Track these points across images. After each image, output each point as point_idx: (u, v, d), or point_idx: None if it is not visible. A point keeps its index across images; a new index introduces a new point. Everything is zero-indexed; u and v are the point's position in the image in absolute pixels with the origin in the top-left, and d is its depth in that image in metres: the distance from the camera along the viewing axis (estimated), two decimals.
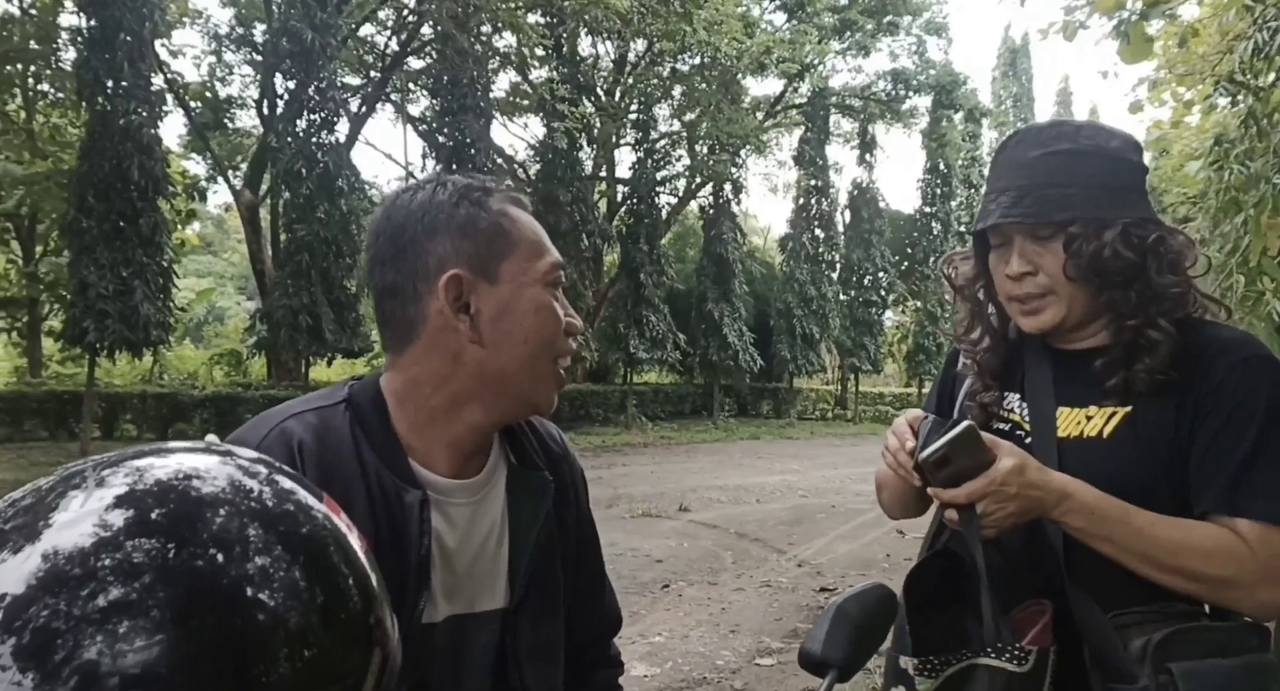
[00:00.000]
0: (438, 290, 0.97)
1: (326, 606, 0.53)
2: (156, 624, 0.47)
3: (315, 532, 0.56)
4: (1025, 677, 1.11)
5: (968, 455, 1.12)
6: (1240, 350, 1.18)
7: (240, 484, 0.56)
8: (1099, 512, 1.13)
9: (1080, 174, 1.19)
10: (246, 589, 0.50)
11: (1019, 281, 1.23)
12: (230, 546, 0.51)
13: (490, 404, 1.02)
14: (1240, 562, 1.11)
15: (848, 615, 0.98)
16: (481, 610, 1.03)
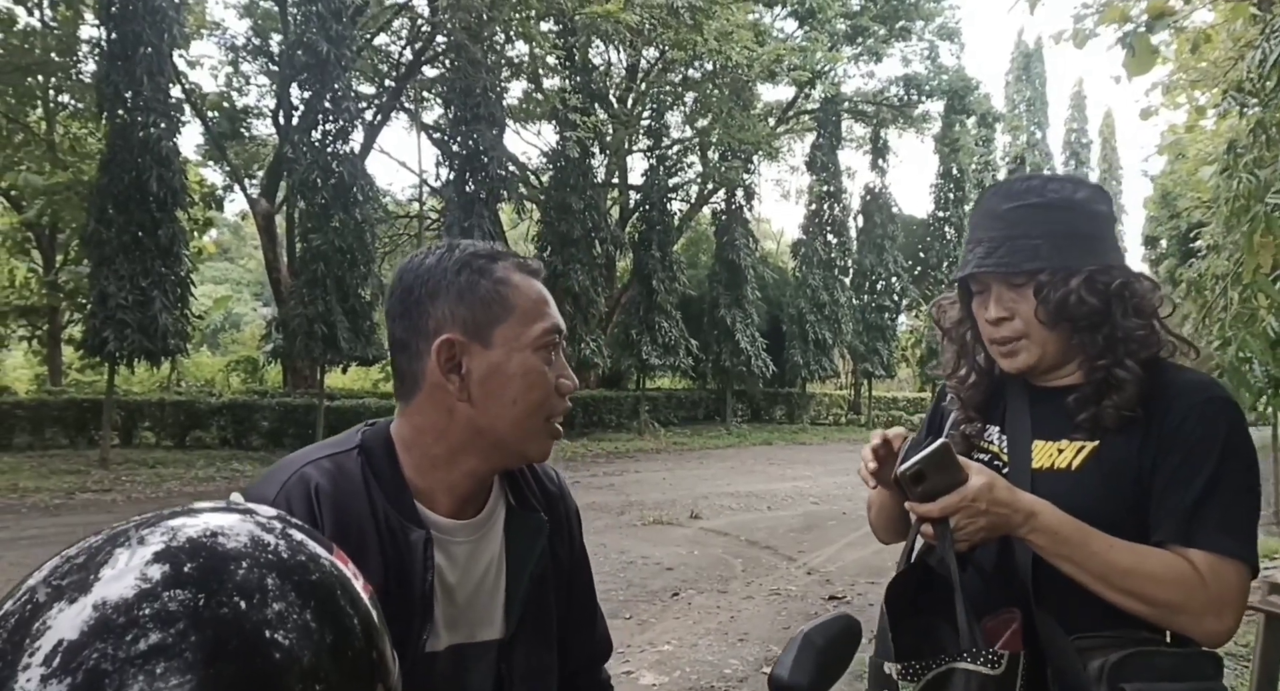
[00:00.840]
0: (432, 350, 1.05)
1: (334, 645, 0.61)
2: (189, 665, 0.55)
3: (324, 580, 0.64)
4: (999, 680, 1.19)
5: (942, 472, 1.19)
6: (1202, 392, 1.26)
7: (259, 538, 0.64)
8: (1061, 533, 1.20)
9: (1048, 225, 1.28)
10: (265, 632, 0.58)
11: (997, 326, 1.32)
12: (251, 594, 0.59)
13: (484, 455, 1.10)
14: (1190, 590, 1.17)
15: (813, 643, 1.05)
16: (480, 640, 1.11)
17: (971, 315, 1.39)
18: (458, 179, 17.58)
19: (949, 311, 1.45)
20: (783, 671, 1.04)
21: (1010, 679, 1.19)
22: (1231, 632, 1.21)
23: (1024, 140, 33.82)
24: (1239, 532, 1.20)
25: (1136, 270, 1.31)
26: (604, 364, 20.47)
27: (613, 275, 23.69)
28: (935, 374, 1.51)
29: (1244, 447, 1.24)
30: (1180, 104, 10.62)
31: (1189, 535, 1.20)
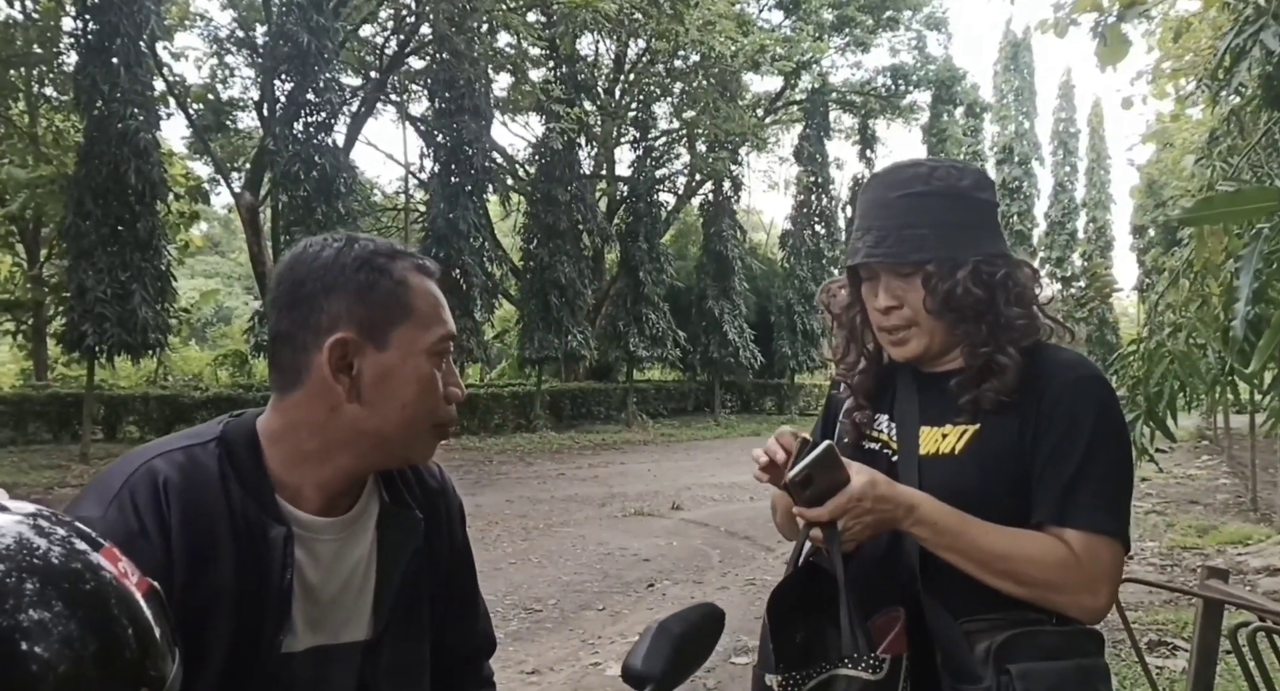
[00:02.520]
0: (324, 348, 1.02)
1: (98, 654, 0.59)
2: None
3: (97, 587, 0.62)
4: (880, 685, 1.19)
5: (827, 474, 1.20)
6: (1072, 371, 1.27)
7: (28, 541, 0.61)
8: (940, 524, 1.21)
9: (934, 215, 1.28)
10: (20, 641, 0.56)
11: (886, 314, 1.32)
12: (4, 598, 0.57)
13: (362, 454, 1.07)
14: (1065, 570, 1.19)
15: (669, 633, 1.05)
16: (344, 641, 1.09)
17: (860, 300, 1.39)
18: (443, 170, 17.53)
19: (838, 296, 1.45)
20: (635, 661, 1.03)
21: (892, 683, 1.19)
22: (1107, 608, 1.23)
23: (1012, 130, 33.79)
24: (1111, 510, 1.22)
25: (1018, 258, 1.33)
26: (591, 356, 20.47)
27: (600, 267, 23.67)
28: (827, 358, 1.51)
29: (1114, 425, 1.25)
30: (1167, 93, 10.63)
31: (1063, 515, 1.21)
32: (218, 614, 0.97)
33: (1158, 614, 5.58)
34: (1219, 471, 13.45)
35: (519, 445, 17.22)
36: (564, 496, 10.85)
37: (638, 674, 1.01)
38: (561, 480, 12.66)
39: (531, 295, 19.35)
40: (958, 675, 1.21)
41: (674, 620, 1.07)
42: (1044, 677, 1.17)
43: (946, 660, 1.22)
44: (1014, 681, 1.16)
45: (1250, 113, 4.09)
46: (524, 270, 20.20)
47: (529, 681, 4.46)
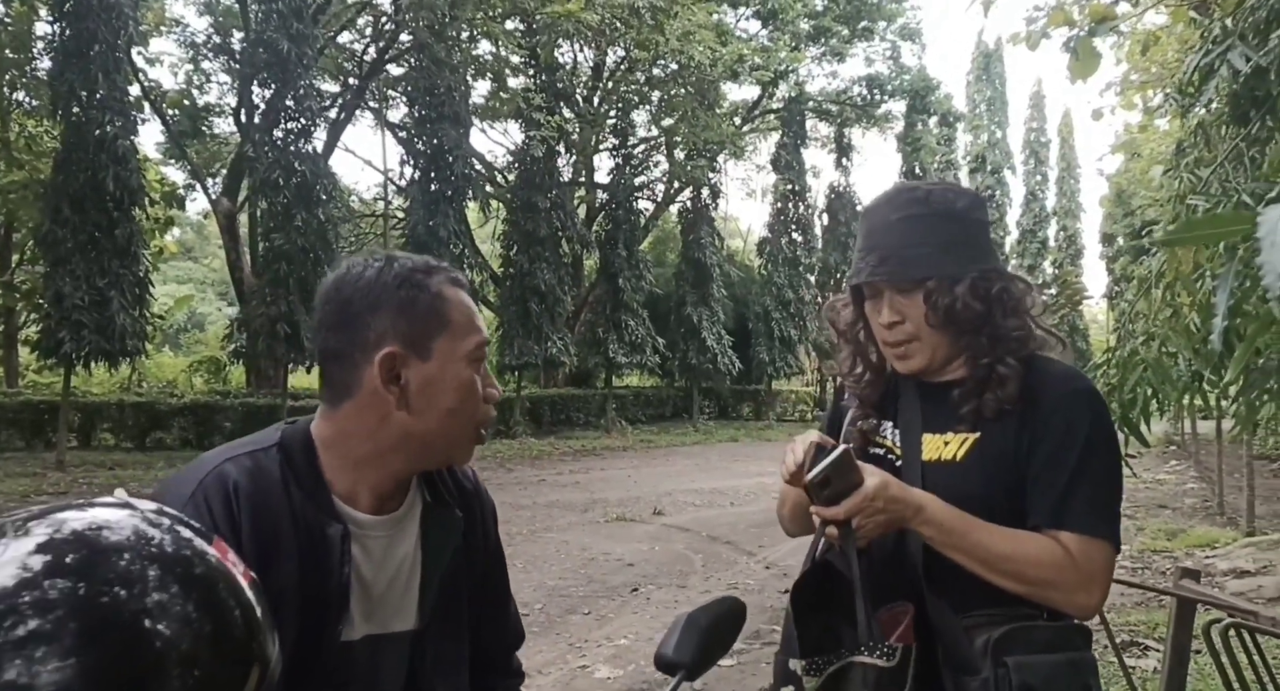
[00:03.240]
0: (375, 363, 1.09)
1: (213, 634, 0.65)
2: (67, 649, 0.59)
3: (205, 571, 0.68)
4: (893, 672, 1.28)
5: (843, 477, 1.28)
6: (1067, 384, 1.37)
7: (142, 532, 0.68)
8: (946, 524, 1.30)
9: (932, 235, 1.37)
10: (145, 620, 0.62)
11: (890, 329, 1.41)
12: (131, 585, 0.63)
13: (411, 458, 1.15)
14: (1062, 569, 1.28)
15: (697, 624, 1.13)
16: (394, 631, 1.17)
17: (864, 317, 1.47)
18: (423, 177, 17.52)
19: (843, 313, 1.53)
20: (667, 649, 1.11)
21: (903, 669, 1.28)
22: (1099, 605, 1.32)
23: (985, 139, 34.31)
24: (1103, 514, 1.31)
25: (1012, 273, 1.42)
26: (571, 362, 20.50)
27: (579, 274, 23.71)
28: (832, 373, 1.60)
29: (1106, 434, 1.35)
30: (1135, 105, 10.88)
31: (1059, 518, 1.30)
32: (284, 608, 1.03)
33: (1130, 614, 5.72)
34: (1187, 476, 13.73)
35: (499, 451, 17.22)
36: (546, 502, 10.89)
37: (670, 662, 1.10)
38: (543, 486, 12.69)
39: (511, 302, 19.35)
40: (958, 667, 1.29)
41: (700, 612, 1.15)
42: (1038, 669, 1.26)
43: (948, 653, 1.31)
44: (1010, 673, 1.25)
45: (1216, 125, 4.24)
46: (504, 277, 20.21)
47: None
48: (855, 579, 1.31)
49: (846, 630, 1.34)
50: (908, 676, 1.28)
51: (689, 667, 1.10)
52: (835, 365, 1.58)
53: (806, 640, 1.32)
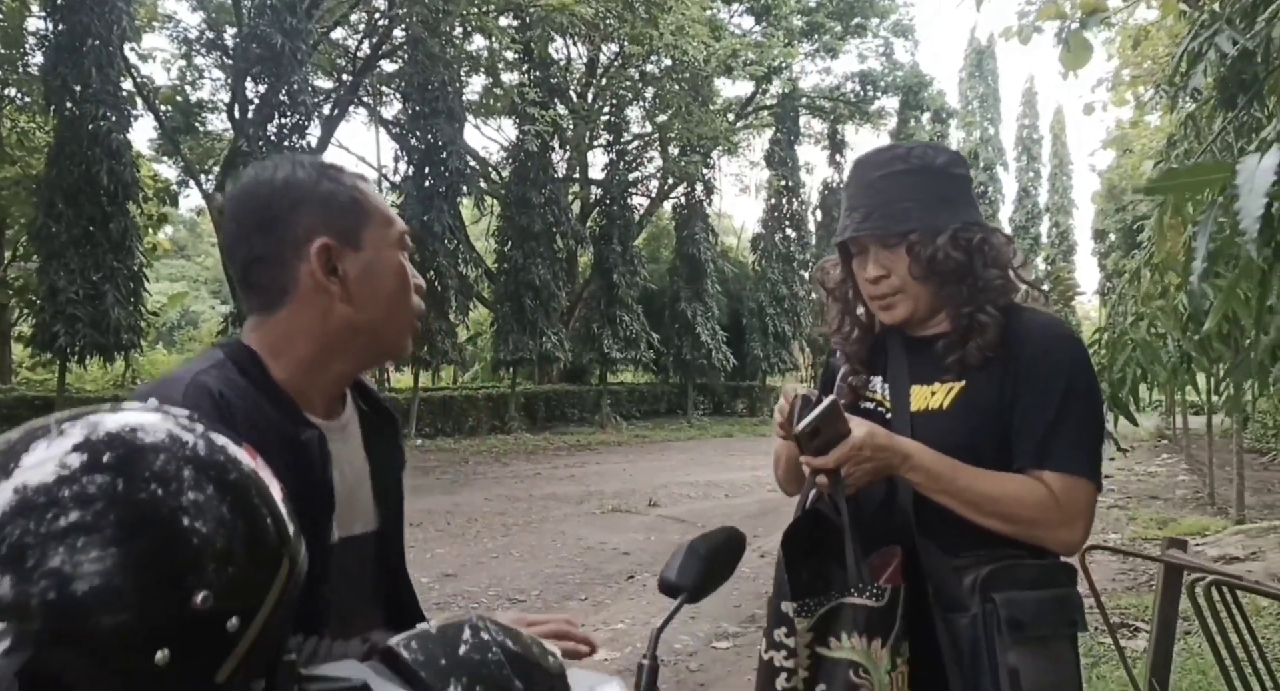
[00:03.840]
0: (309, 257, 1.08)
1: (248, 535, 0.67)
2: (108, 541, 0.60)
3: (240, 478, 0.70)
4: (882, 611, 1.33)
5: (832, 426, 1.33)
6: (1048, 330, 1.42)
7: (177, 435, 0.69)
8: (933, 470, 1.35)
9: (913, 190, 1.43)
10: (183, 518, 0.64)
11: (875, 283, 1.46)
12: (168, 483, 0.64)
13: (356, 355, 1.16)
14: (1045, 508, 1.34)
15: (697, 551, 1.18)
16: (358, 533, 1.18)
17: (852, 275, 1.53)
18: (416, 173, 17.53)
19: (831, 273, 1.59)
20: (670, 574, 1.16)
21: (892, 609, 1.33)
22: (1082, 541, 1.38)
23: (977, 136, 34.43)
24: (1084, 454, 1.37)
25: (993, 226, 1.47)
26: (566, 357, 20.52)
27: (574, 269, 23.74)
28: (822, 332, 1.65)
29: (1086, 379, 1.41)
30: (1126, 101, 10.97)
31: (1042, 459, 1.36)
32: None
33: (1120, 599, 5.78)
34: (1178, 469, 13.83)
35: (494, 446, 17.24)
36: (542, 494, 10.93)
37: (672, 585, 1.15)
38: (538, 479, 12.72)
39: (506, 297, 19.37)
40: (948, 605, 1.35)
41: (701, 541, 1.20)
42: (1024, 605, 1.31)
43: (937, 592, 1.36)
44: (998, 608, 1.30)
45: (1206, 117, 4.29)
46: (498, 273, 20.22)
47: None
48: (845, 524, 1.37)
49: (836, 574, 1.39)
50: (896, 616, 1.34)
51: (690, 591, 1.14)
52: (826, 325, 1.63)
53: (798, 584, 1.36)
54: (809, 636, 1.33)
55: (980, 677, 1.30)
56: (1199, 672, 4.03)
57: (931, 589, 1.37)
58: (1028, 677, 1.28)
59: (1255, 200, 1.07)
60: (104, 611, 0.59)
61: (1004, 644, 1.29)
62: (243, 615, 0.64)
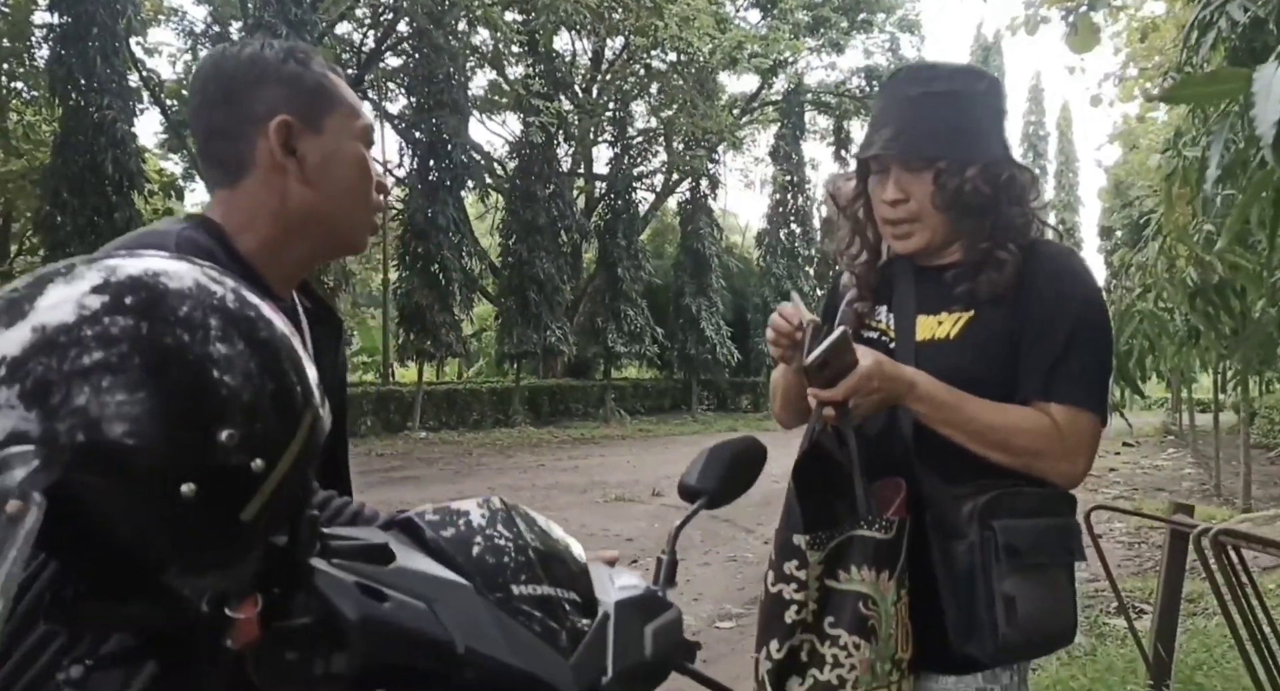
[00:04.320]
0: (268, 132, 1.07)
1: (275, 392, 0.65)
2: (135, 382, 0.58)
3: (270, 337, 0.67)
4: (890, 543, 1.31)
5: (840, 358, 1.30)
6: (1060, 262, 1.39)
7: (205, 285, 0.66)
8: (937, 398, 1.33)
9: (949, 115, 1.38)
10: (211, 369, 0.62)
11: (893, 206, 1.41)
12: (195, 331, 0.62)
13: (317, 241, 1.14)
14: (1048, 439, 1.31)
15: (719, 456, 1.15)
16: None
17: (866, 194, 1.48)
18: (421, 166, 17.53)
19: (844, 188, 1.53)
20: (690, 478, 1.14)
21: (899, 541, 1.32)
22: (1084, 474, 1.35)
23: None
24: (1091, 387, 1.34)
25: (1020, 164, 1.43)
26: (570, 351, 20.51)
27: (578, 264, 23.73)
28: (829, 249, 1.61)
29: (1097, 310, 1.38)
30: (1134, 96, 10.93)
31: (1048, 390, 1.33)
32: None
33: (1126, 583, 5.76)
34: (1184, 462, 13.78)
35: (498, 439, 17.24)
36: (545, 484, 10.92)
37: (692, 489, 1.13)
38: (542, 470, 12.72)
39: (510, 290, 19.37)
40: (946, 533, 1.32)
41: (724, 445, 1.18)
42: (1023, 532, 1.29)
43: (935, 521, 1.34)
44: (997, 535, 1.28)
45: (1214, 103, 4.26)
46: (502, 266, 20.23)
47: None
48: (853, 457, 1.34)
49: (841, 507, 1.37)
50: (902, 548, 1.32)
51: (711, 495, 1.12)
52: (834, 242, 1.59)
53: (808, 516, 1.34)
54: (819, 569, 1.32)
55: (976, 605, 1.28)
56: (1205, 650, 4.00)
57: (930, 517, 1.34)
58: (1023, 605, 1.26)
59: (1273, 106, 1.05)
60: (130, 447, 0.58)
61: (1001, 571, 1.27)
62: (267, 458, 0.63)
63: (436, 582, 0.73)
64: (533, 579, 0.79)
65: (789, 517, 1.36)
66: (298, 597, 0.70)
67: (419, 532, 0.81)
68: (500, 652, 0.72)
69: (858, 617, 1.28)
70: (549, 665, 0.73)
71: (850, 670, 1.28)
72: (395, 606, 0.70)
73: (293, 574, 0.70)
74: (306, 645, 0.70)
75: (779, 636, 1.31)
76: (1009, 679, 1.34)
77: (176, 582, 0.64)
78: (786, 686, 1.31)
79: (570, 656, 0.76)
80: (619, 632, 0.80)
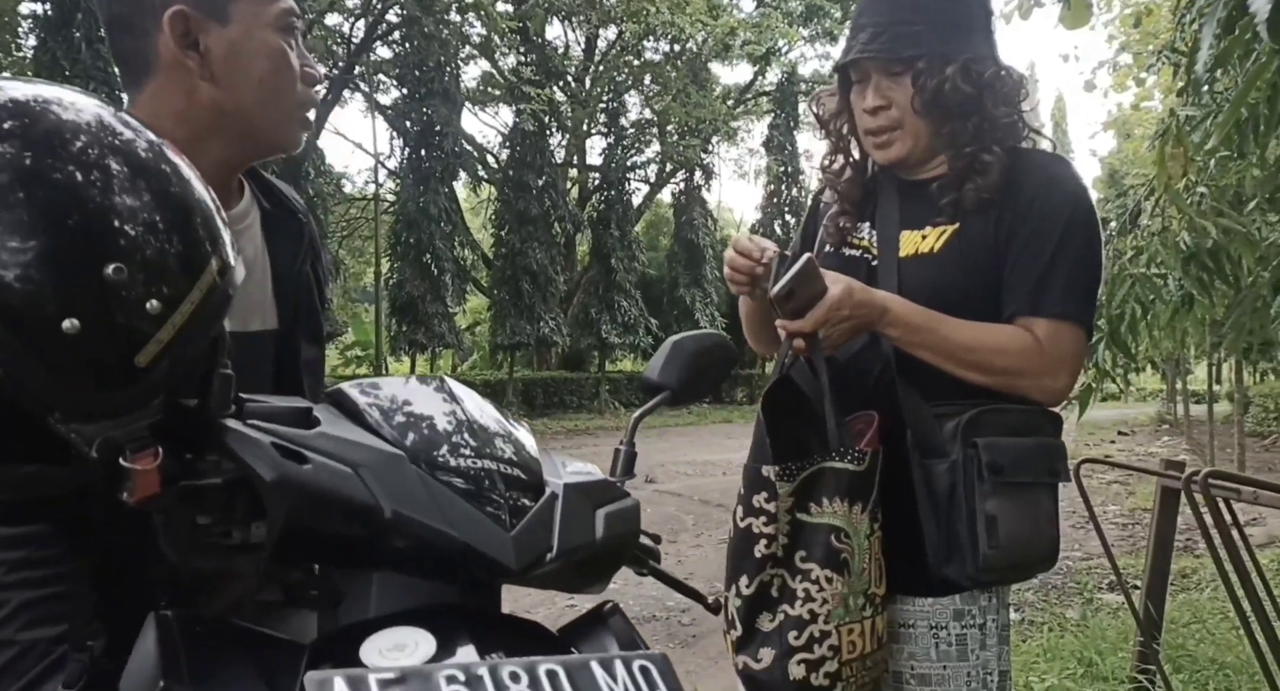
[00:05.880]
0: (164, 22, 0.99)
1: (168, 216, 0.60)
2: (19, 219, 0.53)
3: (180, 187, 0.62)
4: (863, 475, 1.26)
5: (808, 286, 1.24)
6: (1048, 169, 1.33)
7: (109, 124, 0.61)
8: (912, 322, 1.27)
9: (929, 11, 1.31)
10: (101, 203, 0.56)
11: (874, 115, 1.35)
12: (90, 170, 0.57)
13: (232, 141, 1.06)
14: (1029, 356, 1.26)
15: (682, 349, 1.09)
16: (253, 330, 1.11)
17: (849, 108, 1.42)
18: (413, 156, 17.45)
19: (827, 103, 1.48)
20: (651, 373, 1.08)
21: (871, 473, 1.27)
22: (1068, 390, 1.31)
23: None
24: (1078, 299, 1.29)
25: (1007, 63, 1.36)
26: (564, 342, 20.46)
27: (572, 255, 23.66)
28: (815, 166, 1.55)
29: (1086, 218, 1.31)
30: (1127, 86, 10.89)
31: (1033, 305, 1.28)
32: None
33: (1121, 560, 5.72)
34: (1179, 450, 13.77)
35: None
36: None
37: (653, 384, 1.07)
38: None
39: (503, 281, 19.30)
40: (926, 452, 1.27)
41: (688, 340, 1.12)
42: (1007, 450, 1.24)
43: (916, 439, 1.28)
44: (980, 452, 1.23)
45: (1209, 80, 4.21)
46: (496, 257, 20.16)
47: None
48: (825, 387, 1.28)
49: (813, 439, 1.32)
50: (875, 480, 1.27)
51: (673, 390, 1.07)
52: (819, 161, 1.54)
53: (778, 447, 1.29)
54: (789, 501, 1.26)
55: (957, 525, 1.23)
56: (1198, 622, 3.96)
57: (911, 436, 1.29)
58: (1005, 524, 1.21)
59: None
60: (7, 276, 0.53)
61: (983, 490, 1.22)
62: (164, 301, 0.58)
63: (363, 449, 0.68)
64: (474, 453, 0.74)
65: (759, 449, 1.30)
66: (209, 458, 0.65)
67: (350, 405, 0.75)
68: (432, 519, 0.66)
69: (830, 551, 1.23)
70: (487, 535, 0.68)
71: (822, 604, 1.23)
72: (316, 469, 0.65)
73: (203, 435, 0.65)
74: (219, 510, 0.65)
75: (749, 571, 1.25)
76: (986, 600, 1.29)
77: (60, 428, 0.58)
78: (757, 622, 1.26)
79: (512, 531, 0.70)
80: (566, 511, 0.75)
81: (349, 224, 24.55)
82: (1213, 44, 0.98)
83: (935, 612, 1.29)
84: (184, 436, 0.64)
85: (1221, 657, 3.19)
